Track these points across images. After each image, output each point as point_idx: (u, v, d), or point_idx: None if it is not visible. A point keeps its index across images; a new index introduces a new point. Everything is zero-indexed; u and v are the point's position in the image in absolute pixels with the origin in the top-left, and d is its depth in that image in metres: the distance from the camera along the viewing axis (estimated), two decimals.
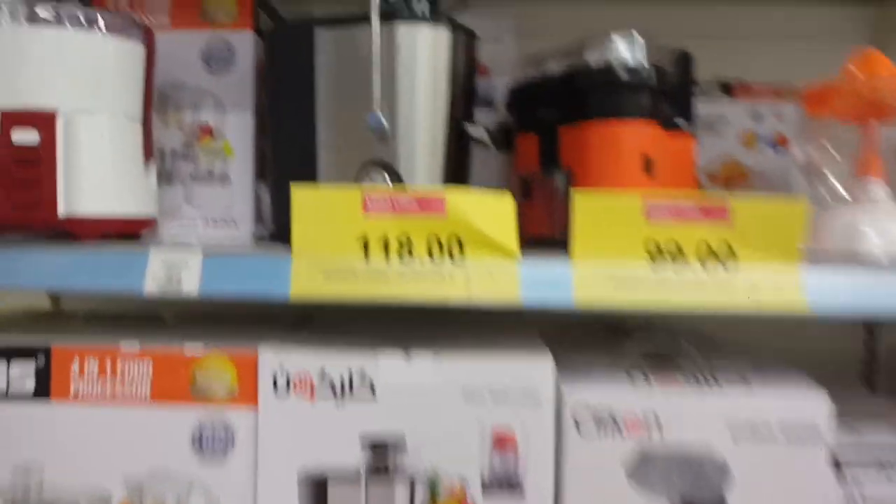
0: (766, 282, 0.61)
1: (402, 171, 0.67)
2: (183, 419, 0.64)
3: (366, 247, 0.63)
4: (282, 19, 0.85)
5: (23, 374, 0.65)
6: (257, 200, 0.82)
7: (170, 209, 0.81)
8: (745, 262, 0.62)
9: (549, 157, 0.75)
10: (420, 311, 0.71)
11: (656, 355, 0.73)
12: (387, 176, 0.66)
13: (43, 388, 0.65)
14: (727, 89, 0.92)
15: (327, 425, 0.64)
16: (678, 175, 0.76)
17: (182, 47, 0.80)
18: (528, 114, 0.78)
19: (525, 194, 0.79)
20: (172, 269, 0.63)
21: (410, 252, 0.63)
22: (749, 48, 1.02)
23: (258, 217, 0.82)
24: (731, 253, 0.62)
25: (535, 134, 0.77)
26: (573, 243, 0.62)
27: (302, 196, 0.63)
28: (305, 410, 0.64)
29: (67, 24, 0.64)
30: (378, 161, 0.67)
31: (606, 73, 0.70)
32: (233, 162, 0.81)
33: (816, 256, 0.65)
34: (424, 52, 0.67)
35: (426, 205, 0.62)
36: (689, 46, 0.96)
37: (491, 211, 0.62)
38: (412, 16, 0.67)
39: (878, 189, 0.70)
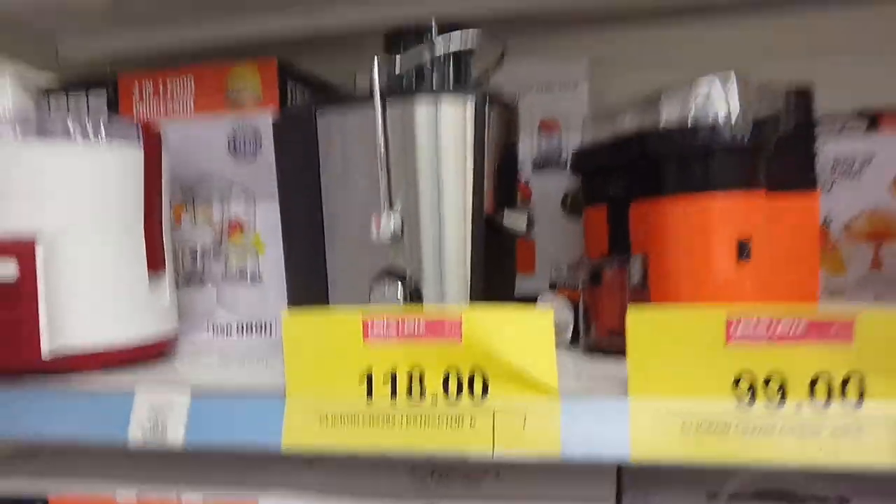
0: None
1: (425, 278, 0.55)
2: None
3: (369, 383, 0.51)
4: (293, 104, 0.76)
5: None
6: None
7: (202, 314, 0.73)
8: (878, 398, 0.43)
9: (620, 238, 0.60)
10: None
11: (770, 493, 0.55)
12: (400, 288, 0.54)
13: None
14: (873, 122, 0.71)
15: None
16: (793, 249, 0.58)
17: (207, 136, 0.72)
18: (595, 183, 0.63)
19: (594, 280, 0.63)
20: (158, 414, 0.54)
21: (422, 389, 0.50)
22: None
23: None
24: (858, 386, 0.44)
25: (605, 207, 0.62)
26: (630, 376, 0.47)
27: (293, 323, 0.52)
28: None
29: (45, 136, 0.58)
30: (391, 269, 0.54)
31: (684, 135, 0.54)
32: (265, 259, 0.72)
33: None
34: (447, 132, 0.54)
35: (437, 328, 0.49)
36: (821, 68, 0.78)
37: (523, 333, 0.48)
38: (431, 91, 0.54)
39: None
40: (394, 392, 0.50)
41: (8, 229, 0.57)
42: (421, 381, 0.50)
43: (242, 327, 0.73)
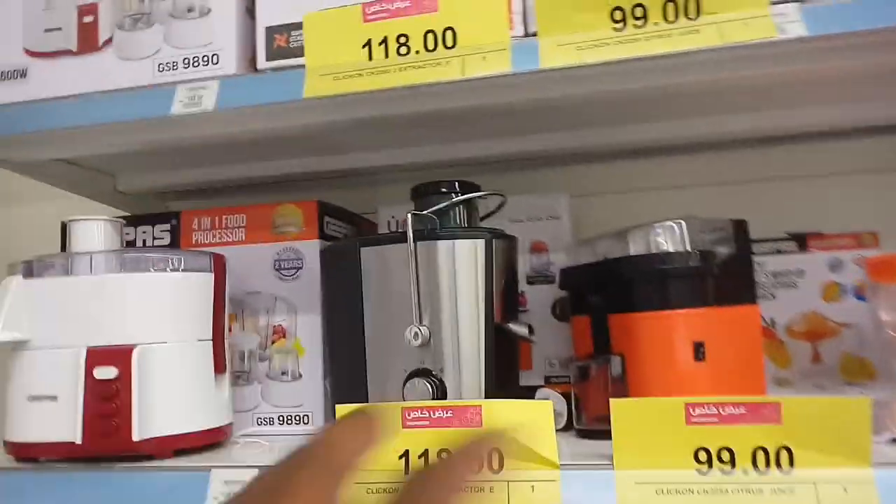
0: (832, 487, 0.56)
1: (448, 375, 0.69)
2: None
3: (406, 461, 0.64)
4: (339, 235, 0.92)
5: None
6: (327, 395, 0.85)
7: (249, 407, 0.86)
8: (804, 466, 0.57)
9: (602, 342, 0.74)
10: None
11: None
12: (428, 384, 0.67)
13: None
14: (801, 242, 0.88)
15: None
16: (740, 350, 0.72)
17: (256, 258, 0.87)
18: (580, 297, 0.78)
19: (582, 376, 0.77)
20: (231, 489, 0.66)
21: None
22: (822, 188, 0.99)
23: (330, 411, 0.85)
24: (789, 456, 0.58)
25: (588, 317, 0.76)
26: (615, 452, 0.60)
27: (344, 413, 0.65)
28: None
29: (146, 269, 0.72)
30: (421, 370, 0.68)
31: (647, 264, 0.70)
32: (304, 360, 0.86)
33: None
34: (462, 263, 0.69)
35: (462, 416, 0.63)
36: (754, 194, 0.96)
37: (529, 419, 0.62)
38: (450, 232, 0.70)
39: None
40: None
41: (110, 341, 0.70)
42: None
43: (283, 419, 0.85)
